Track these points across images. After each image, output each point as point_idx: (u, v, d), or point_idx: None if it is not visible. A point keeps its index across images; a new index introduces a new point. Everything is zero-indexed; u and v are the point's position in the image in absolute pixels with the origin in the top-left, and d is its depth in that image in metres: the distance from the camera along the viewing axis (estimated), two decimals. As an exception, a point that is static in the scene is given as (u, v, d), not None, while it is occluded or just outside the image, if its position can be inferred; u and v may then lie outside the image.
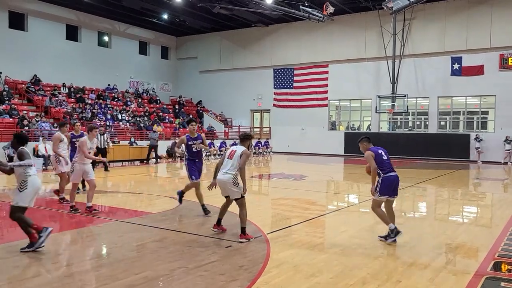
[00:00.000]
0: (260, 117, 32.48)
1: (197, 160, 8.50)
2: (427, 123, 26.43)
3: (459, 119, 26.49)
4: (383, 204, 6.69)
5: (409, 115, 26.97)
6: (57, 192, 9.72)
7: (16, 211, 5.90)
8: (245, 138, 7.02)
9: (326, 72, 28.79)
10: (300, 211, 9.18)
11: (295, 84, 30.07)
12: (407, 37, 25.78)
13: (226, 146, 26.03)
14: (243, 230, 6.49)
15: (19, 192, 5.90)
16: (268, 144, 29.38)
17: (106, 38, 30.03)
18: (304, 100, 29.64)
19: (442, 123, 26.81)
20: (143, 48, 32.42)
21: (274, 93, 30.88)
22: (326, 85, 28.88)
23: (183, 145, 8.44)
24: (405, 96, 25.07)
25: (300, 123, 29.50)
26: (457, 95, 25.21)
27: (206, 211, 8.25)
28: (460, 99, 25.51)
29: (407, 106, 25.18)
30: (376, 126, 27.62)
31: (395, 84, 25.64)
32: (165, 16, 28.64)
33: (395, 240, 6.42)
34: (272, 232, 7.04)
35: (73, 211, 8.33)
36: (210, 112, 32.31)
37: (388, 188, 6.54)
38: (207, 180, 14.66)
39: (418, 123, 27.35)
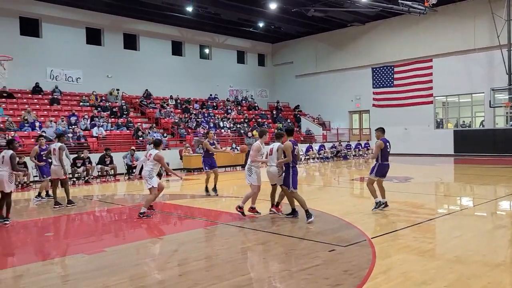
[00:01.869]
0: (359, 118, 31.60)
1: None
2: (553, 116, 23.44)
3: None
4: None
5: (530, 108, 24.14)
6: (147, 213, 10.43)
7: None
8: (279, 135, 8.49)
9: (430, 67, 27.06)
10: (406, 215, 8.71)
11: (395, 82, 28.75)
12: (524, 21, 23.17)
13: (324, 149, 25.78)
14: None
15: None
16: (369, 146, 28.41)
17: (207, 51, 31.73)
18: (407, 98, 28.17)
19: None
20: (241, 57, 33.62)
21: (373, 93, 29.83)
22: (431, 81, 27.13)
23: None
24: (524, 87, 22.53)
25: (403, 123, 28.05)
26: None
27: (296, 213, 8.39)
28: None
29: (528, 98, 22.57)
30: (491, 122, 25.19)
31: (512, 75, 23.17)
32: (261, 25, 29.37)
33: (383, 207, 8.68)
34: (377, 237, 6.78)
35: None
36: (308, 115, 32.28)
37: (381, 172, 8.77)
38: (305, 183, 14.63)
39: (542, 116, 24.35)
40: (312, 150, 24.77)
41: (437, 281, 4.77)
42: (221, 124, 26.69)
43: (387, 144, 8.78)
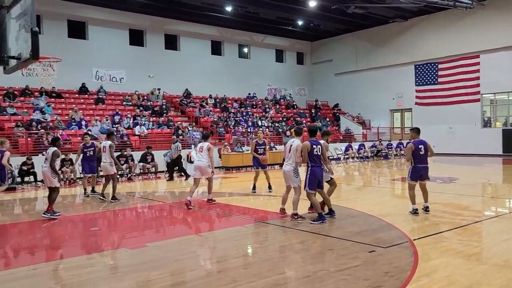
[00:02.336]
0: (400, 117, 30.79)
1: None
2: None
3: None
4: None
5: None
6: (188, 203, 10.08)
7: None
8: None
9: (477, 64, 25.96)
10: (451, 217, 8.41)
11: (440, 79, 27.79)
12: None
13: (364, 148, 25.30)
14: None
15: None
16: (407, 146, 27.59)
17: (245, 50, 31.90)
18: (451, 96, 27.17)
19: None
20: (279, 56, 33.56)
21: (416, 91, 28.96)
22: (478, 78, 26.03)
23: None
24: None
25: (447, 121, 27.08)
26: None
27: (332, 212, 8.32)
28: None
29: None
30: (543, 120, 23.88)
31: None
32: (300, 23, 29.19)
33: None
34: (419, 239, 6.59)
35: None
36: (347, 114, 31.80)
37: (416, 175, 8.40)
38: (344, 183, 14.40)
39: None
40: (352, 149, 24.37)
41: (483, 286, 4.58)
42: (259, 123, 26.76)
43: (419, 146, 8.39)
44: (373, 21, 28.83)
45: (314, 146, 7.82)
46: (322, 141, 8.25)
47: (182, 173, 17.01)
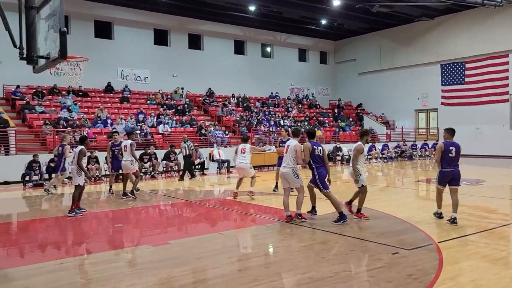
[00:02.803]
0: (426, 117, 30.22)
1: None
2: None
3: None
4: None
5: None
6: (235, 194, 10.99)
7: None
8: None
9: (506, 63, 25.25)
10: (477, 220, 8.21)
11: (467, 79, 27.14)
12: None
13: (388, 148, 24.95)
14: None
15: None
16: (436, 146, 27.06)
17: (268, 49, 31.89)
18: (479, 96, 26.50)
19: None
20: (302, 55, 33.41)
21: (442, 90, 28.38)
22: (507, 78, 25.32)
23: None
24: None
25: (474, 122, 26.43)
26: None
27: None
28: None
29: None
30: None
31: None
32: (323, 22, 28.98)
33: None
34: (444, 241, 6.46)
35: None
36: (371, 114, 31.40)
37: (442, 179, 7.77)
38: (367, 183, 14.23)
39: None
40: (375, 150, 24.05)
41: (511, 292, 4.45)
42: (281, 122, 26.71)
43: (450, 148, 7.69)
44: (398, 19, 28.38)
45: (315, 147, 7.88)
46: (358, 142, 8.11)
47: (188, 173, 16.77)
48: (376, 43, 31.59)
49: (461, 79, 27.45)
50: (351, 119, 30.51)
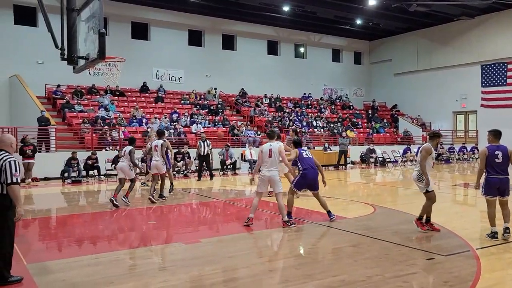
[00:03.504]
0: (464, 120, 29.25)
1: None
2: None
3: None
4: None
5: None
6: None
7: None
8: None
9: (552, 63, 24.11)
10: (518, 227, 7.85)
11: (509, 80, 26.05)
12: None
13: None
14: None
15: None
16: (475, 150, 26.14)
17: (302, 50, 31.72)
18: (522, 98, 25.42)
19: None
20: (336, 56, 33.04)
21: (482, 92, 27.37)
22: (552, 79, 24.17)
23: None
24: None
25: (517, 125, 25.36)
26: None
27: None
28: None
29: None
30: None
31: None
32: (358, 22, 28.55)
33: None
34: (482, 248, 6.22)
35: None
36: (406, 116, 30.68)
37: (488, 188, 6.73)
38: (402, 187, 13.98)
39: None
40: (410, 152, 23.48)
41: (555, 303, 4.24)
42: (314, 123, 26.52)
43: (496, 152, 6.71)
44: (436, 19, 27.61)
45: (302, 152, 8.22)
46: (427, 143, 7.34)
47: (208, 172, 16.29)
48: (413, 43, 30.83)
49: (502, 80, 26.39)
50: (385, 121, 29.92)
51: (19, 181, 4.77)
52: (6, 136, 5.04)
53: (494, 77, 26.82)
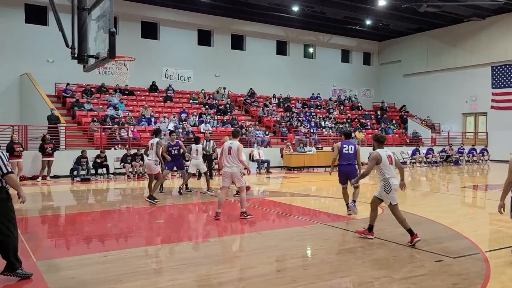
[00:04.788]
0: (474, 121, 29.01)
1: None
2: None
3: None
4: None
5: None
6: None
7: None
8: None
9: None
10: (529, 230, 7.77)
11: (520, 82, 25.81)
12: None
13: (433, 152, 24.14)
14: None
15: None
16: (485, 152, 25.92)
17: (311, 50, 31.66)
18: (533, 100, 25.14)
19: None
20: (345, 56, 32.93)
21: (493, 93, 27.11)
22: None
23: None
24: None
25: (527, 127, 25.09)
26: None
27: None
28: None
29: None
30: None
31: None
32: (368, 22, 28.43)
33: None
34: (491, 251, 6.17)
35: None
36: (415, 117, 30.48)
37: None
38: (410, 188, 13.85)
39: None
40: (419, 154, 23.36)
41: None
42: (322, 123, 26.46)
43: None
44: (447, 20, 27.40)
45: (345, 146, 9.13)
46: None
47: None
48: (423, 44, 30.64)
49: (513, 82, 26.13)
50: (394, 122, 29.76)
51: (11, 170, 4.92)
52: None
53: (504, 78, 26.55)
